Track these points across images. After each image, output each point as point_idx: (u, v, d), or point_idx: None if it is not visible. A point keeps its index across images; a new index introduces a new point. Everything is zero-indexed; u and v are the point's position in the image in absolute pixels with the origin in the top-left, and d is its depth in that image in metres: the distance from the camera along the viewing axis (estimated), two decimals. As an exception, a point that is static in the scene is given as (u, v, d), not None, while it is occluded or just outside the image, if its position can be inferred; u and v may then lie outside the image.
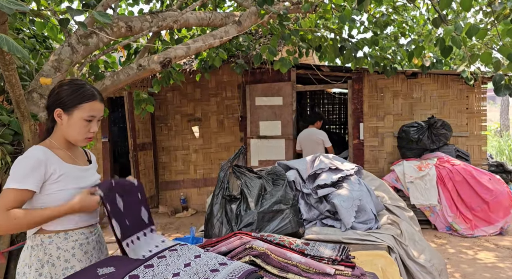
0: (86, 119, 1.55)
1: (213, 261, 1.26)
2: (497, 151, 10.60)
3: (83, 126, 1.56)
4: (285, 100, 6.07)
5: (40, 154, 1.50)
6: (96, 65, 3.48)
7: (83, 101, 1.54)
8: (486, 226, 4.77)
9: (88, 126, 1.57)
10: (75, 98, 1.54)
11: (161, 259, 1.26)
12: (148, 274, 1.14)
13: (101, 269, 1.17)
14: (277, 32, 4.03)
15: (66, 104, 1.54)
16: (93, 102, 1.57)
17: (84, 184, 1.61)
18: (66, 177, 1.54)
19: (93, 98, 1.57)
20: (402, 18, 6.02)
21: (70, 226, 1.56)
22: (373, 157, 6.01)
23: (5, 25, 1.98)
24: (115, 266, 1.19)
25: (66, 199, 1.51)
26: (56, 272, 1.51)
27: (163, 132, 6.74)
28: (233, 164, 2.43)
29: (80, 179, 1.61)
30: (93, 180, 1.68)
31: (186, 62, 6.21)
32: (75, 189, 1.56)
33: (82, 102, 1.54)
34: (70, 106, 1.54)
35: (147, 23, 3.13)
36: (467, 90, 5.68)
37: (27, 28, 3.51)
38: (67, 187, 1.54)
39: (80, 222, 1.60)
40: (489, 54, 3.12)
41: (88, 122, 1.56)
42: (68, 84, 1.59)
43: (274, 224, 2.15)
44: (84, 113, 1.54)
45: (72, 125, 1.55)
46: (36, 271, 1.50)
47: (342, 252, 1.49)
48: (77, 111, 1.54)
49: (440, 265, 2.39)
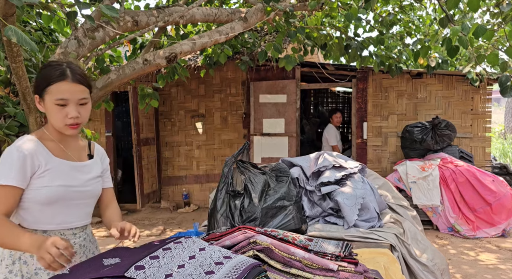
0: (57, 104, 1.35)
1: (217, 254, 1.26)
2: (500, 153, 10.56)
3: (56, 111, 1.35)
4: (289, 98, 6.06)
5: (26, 145, 1.36)
6: (102, 59, 3.49)
7: (50, 83, 1.34)
8: (488, 228, 4.77)
9: (64, 111, 1.36)
10: (43, 81, 1.36)
11: (166, 251, 1.26)
12: (153, 265, 1.15)
13: (106, 259, 1.18)
14: (282, 30, 4.02)
15: (37, 88, 1.38)
16: (61, 83, 1.35)
17: (74, 182, 1.44)
18: (51, 172, 1.38)
19: (61, 78, 1.35)
20: (409, 17, 6.00)
21: (50, 227, 1.41)
22: (376, 156, 6.00)
23: (13, 17, 1.98)
24: (121, 257, 1.19)
25: (50, 198, 1.37)
26: (28, 270, 1.37)
27: (166, 128, 6.75)
28: (237, 160, 2.43)
29: (70, 177, 1.43)
30: (87, 179, 1.49)
31: (191, 58, 6.22)
32: (62, 187, 1.39)
33: (49, 84, 1.35)
34: (41, 90, 1.37)
35: (154, 18, 3.13)
36: (472, 91, 5.66)
37: (34, 21, 3.52)
38: (52, 184, 1.37)
39: (64, 223, 1.44)
40: (496, 55, 3.11)
41: (61, 106, 1.35)
42: (45, 67, 1.41)
43: (277, 220, 2.16)
44: (53, 96, 1.34)
45: (48, 111, 1.38)
46: (6, 267, 1.37)
47: (345, 249, 1.49)
48: (47, 95, 1.35)
49: (442, 264, 2.40)
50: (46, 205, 1.38)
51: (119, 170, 7.17)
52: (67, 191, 1.41)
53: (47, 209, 1.39)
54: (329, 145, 5.93)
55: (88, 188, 1.49)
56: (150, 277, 1.09)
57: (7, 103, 2.46)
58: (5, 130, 2.37)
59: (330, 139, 5.96)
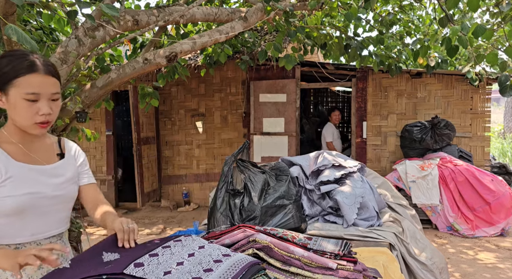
0: (27, 99, 1.18)
1: (216, 252, 1.27)
2: (500, 153, 10.58)
3: (25, 107, 1.18)
4: (289, 97, 6.07)
5: None
6: (102, 58, 3.49)
7: (18, 75, 1.17)
8: (487, 227, 4.78)
9: (34, 107, 1.19)
10: (8, 72, 1.17)
11: (166, 248, 1.27)
12: (152, 262, 1.16)
13: (106, 254, 1.18)
14: (282, 29, 4.03)
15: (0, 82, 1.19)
16: (31, 75, 1.18)
17: (42, 189, 1.27)
18: (14, 180, 1.21)
19: (32, 70, 1.18)
20: (408, 17, 6.01)
21: (23, 239, 1.26)
22: (375, 156, 6.02)
23: (13, 16, 1.99)
24: (120, 253, 1.20)
25: (16, 209, 1.21)
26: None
27: (166, 127, 6.76)
28: (237, 159, 2.44)
29: (37, 183, 1.26)
30: (58, 182, 1.32)
31: (191, 57, 6.22)
32: (29, 196, 1.23)
33: (16, 76, 1.17)
34: (4, 83, 1.18)
35: (154, 17, 3.13)
36: (471, 90, 5.67)
37: (34, 20, 3.52)
38: (16, 193, 1.21)
39: (38, 234, 1.29)
40: (495, 54, 3.11)
41: (31, 102, 1.19)
42: (5, 56, 1.21)
43: (277, 219, 2.17)
44: (21, 89, 1.17)
45: (12, 108, 1.20)
46: None
47: (344, 247, 1.50)
48: (13, 88, 1.18)
49: (441, 263, 2.41)
50: (13, 216, 1.22)
51: (119, 169, 7.18)
52: (34, 199, 1.24)
53: (16, 220, 1.23)
54: (325, 141, 6.05)
55: (60, 193, 1.32)
56: (149, 274, 1.09)
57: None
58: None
59: (326, 136, 6.05)
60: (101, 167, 6.70)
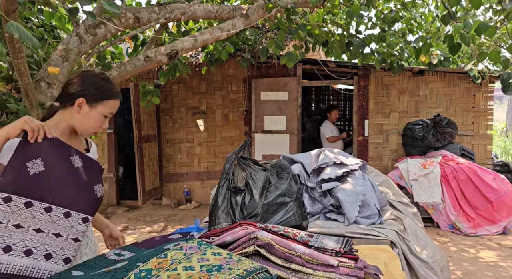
0: (105, 115, 1.53)
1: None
2: (502, 151, 10.55)
3: (100, 121, 1.52)
4: (290, 95, 6.06)
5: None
6: (103, 56, 3.50)
7: (110, 98, 1.52)
8: (489, 225, 4.77)
9: (103, 121, 1.54)
10: (103, 93, 1.51)
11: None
12: None
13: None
14: (284, 26, 4.02)
15: (92, 96, 1.49)
16: (117, 100, 1.55)
17: None
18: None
19: (118, 96, 1.56)
20: (411, 14, 5.98)
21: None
22: (377, 154, 6.00)
23: (15, 14, 1.99)
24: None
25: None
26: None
27: (168, 125, 6.76)
28: (239, 156, 2.44)
29: None
30: None
31: (193, 54, 6.22)
32: None
33: (108, 98, 1.51)
34: (96, 100, 1.49)
35: (155, 14, 3.13)
36: (474, 88, 5.64)
37: (35, 17, 3.52)
38: None
39: None
40: (498, 52, 3.10)
41: (105, 118, 1.54)
42: (97, 76, 1.54)
43: (278, 217, 2.17)
44: (106, 109, 1.52)
45: (89, 117, 1.50)
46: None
47: (345, 245, 1.50)
48: (101, 106, 1.50)
49: (443, 261, 2.40)
50: None
51: (120, 167, 7.19)
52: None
53: None
54: (325, 137, 6.07)
55: None
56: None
57: (9, 100, 2.47)
58: (7, 126, 2.38)
59: (325, 132, 6.09)
60: (102, 165, 6.70)
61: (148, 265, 1.18)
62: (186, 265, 1.18)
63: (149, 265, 1.17)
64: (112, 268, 1.19)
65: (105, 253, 1.40)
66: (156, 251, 1.28)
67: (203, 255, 1.26)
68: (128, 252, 1.40)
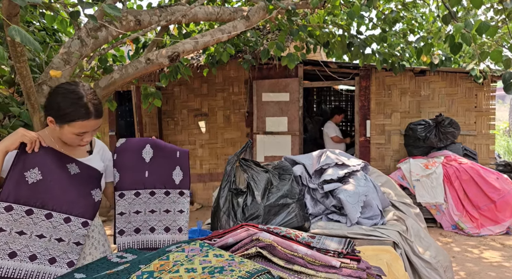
0: (77, 134, 1.45)
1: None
2: (505, 151, 10.50)
3: (74, 138, 1.46)
4: (291, 96, 6.06)
5: None
6: (105, 59, 3.50)
7: (75, 120, 1.41)
8: (492, 226, 4.75)
9: (80, 137, 1.47)
10: (67, 116, 1.41)
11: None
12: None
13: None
14: (285, 28, 4.02)
15: (57, 118, 1.42)
16: (86, 121, 1.43)
17: None
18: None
19: (87, 117, 1.42)
20: (412, 15, 5.98)
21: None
22: (379, 154, 5.99)
23: (17, 17, 2.00)
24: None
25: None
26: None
27: (169, 127, 6.77)
28: (240, 158, 2.44)
29: None
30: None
31: (194, 57, 6.22)
32: None
33: (73, 121, 1.41)
34: (61, 120, 1.42)
35: (156, 17, 3.14)
36: (476, 88, 5.63)
37: (37, 21, 3.54)
38: None
39: None
40: (500, 52, 3.09)
41: (81, 134, 1.46)
42: (63, 94, 1.43)
43: (280, 218, 2.17)
44: (75, 130, 1.43)
45: (63, 134, 1.46)
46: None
47: (347, 246, 1.49)
48: (68, 127, 1.42)
49: (446, 261, 2.39)
50: None
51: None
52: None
53: None
54: (329, 137, 6.06)
55: None
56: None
57: (12, 103, 2.48)
58: (9, 129, 2.39)
59: (329, 132, 6.07)
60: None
61: (150, 267, 1.18)
62: (188, 267, 1.18)
63: (151, 267, 1.17)
64: (114, 270, 1.19)
65: (107, 256, 1.41)
66: (158, 253, 1.29)
67: (205, 257, 1.26)
68: (130, 255, 1.40)
